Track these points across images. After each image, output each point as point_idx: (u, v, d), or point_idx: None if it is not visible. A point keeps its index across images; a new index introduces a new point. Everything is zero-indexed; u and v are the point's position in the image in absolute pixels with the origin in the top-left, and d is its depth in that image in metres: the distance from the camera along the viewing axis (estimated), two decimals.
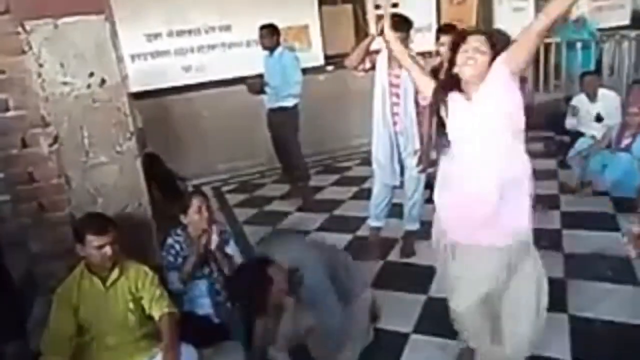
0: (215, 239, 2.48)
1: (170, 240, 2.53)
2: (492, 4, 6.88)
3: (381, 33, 2.80)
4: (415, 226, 3.44)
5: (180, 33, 5.41)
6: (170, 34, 5.37)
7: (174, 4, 5.23)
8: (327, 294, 2.28)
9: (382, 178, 3.29)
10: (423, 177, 3.28)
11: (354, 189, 4.84)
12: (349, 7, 6.23)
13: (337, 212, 4.36)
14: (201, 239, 2.46)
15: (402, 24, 2.92)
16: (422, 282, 3.02)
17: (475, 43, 1.82)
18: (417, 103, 3.06)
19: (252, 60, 4.79)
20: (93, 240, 1.97)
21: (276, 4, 5.52)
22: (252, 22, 4.60)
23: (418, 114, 3.09)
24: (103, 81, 2.21)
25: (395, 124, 3.12)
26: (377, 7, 6.43)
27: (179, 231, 2.54)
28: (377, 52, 3.08)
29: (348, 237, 3.79)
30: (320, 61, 5.93)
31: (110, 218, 2.12)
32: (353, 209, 4.32)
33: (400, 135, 3.14)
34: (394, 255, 3.44)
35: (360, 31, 6.07)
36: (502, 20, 6.89)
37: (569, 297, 2.69)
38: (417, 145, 3.13)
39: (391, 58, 3.00)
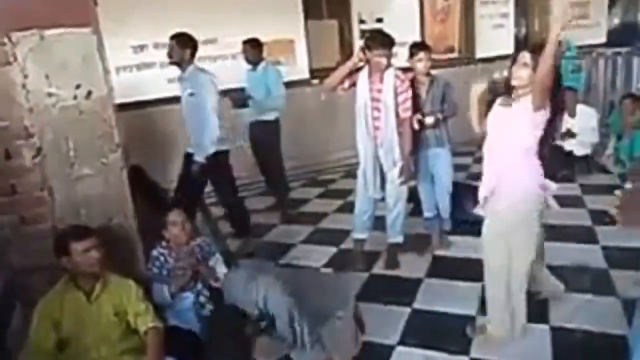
0: (198, 251, 2.48)
1: (155, 253, 2.52)
2: (473, 21, 7.04)
3: (363, 55, 2.92)
4: (399, 238, 3.47)
5: (166, 45, 5.38)
6: (156, 46, 5.35)
7: (160, 16, 5.23)
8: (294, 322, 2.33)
9: (365, 190, 3.32)
10: (405, 189, 3.33)
11: (339, 201, 4.87)
12: (334, 22, 6.31)
13: (322, 224, 4.37)
14: (184, 252, 2.46)
15: (384, 41, 3.04)
16: (406, 295, 3.05)
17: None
18: (397, 115, 3.14)
19: (238, 73, 4.80)
20: (77, 246, 1.96)
21: (262, 18, 5.57)
22: (238, 35, 4.63)
23: (399, 125, 3.16)
24: (89, 93, 2.21)
25: (376, 137, 3.18)
26: (362, 21, 6.60)
27: (163, 243, 2.53)
28: (358, 69, 3.16)
29: (333, 250, 3.81)
30: (306, 75, 5.98)
31: (90, 227, 2.11)
32: (338, 221, 4.34)
33: (381, 147, 3.20)
34: (378, 268, 3.46)
35: (346, 45, 6.16)
36: (483, 36, 7.07)
37: (551, 308, 2.74)
38: (397, 157, 3.19)
39: (372, 74, 3.07)
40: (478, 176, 2.56)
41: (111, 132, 2.29)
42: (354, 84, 3.15)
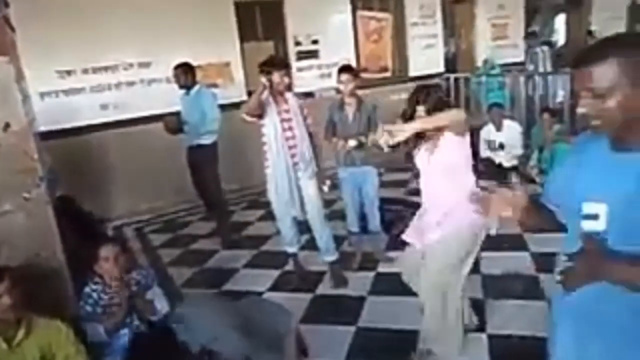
0: (134, 285, 2.38)
1: (87, 289, 2.39)
2: (405, 41, 7.35)
3: (269, 82, 2.99)
4: (333, 256, 3.52)
5: (96, 70, 5.24)
6: (85, 71, 5.17)
7: (89, 40, 5.06)
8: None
9: (281, 209, 3.37)
10: (321, 205, 3.41)
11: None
12: (270, 43, 6.38)
13: (264, 247, 4.33)
14: (121, 288, 2.35)
15: (281, 62, 3.33)
16: (351, 314, 3.06)
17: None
18: (307, 127, 3.29)
19: (173, 97, 4.72)
20: None
21: (197, 41, 5.54)
22: (173, 59, 4.55)
23: (310, 135, 3.30)
24: (7, 125, 2.09)
25: (293, 155, 3.24)
26: (298, 43, 6.70)
27: (96, 279, 2.41)
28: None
29: (276, 272, 3.78)
30: (243, 97, 5.97)
31: (1, 266, 1.97)
32: (280, 244, 4.30)
33: (296, 164, 3.26)
34: (322, 288, 3.47)
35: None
36: (415, 56, 7.39)
37: (488, 316, 2.86)
38: (314, 168, 3.32)
39: (275, 95, 3.17)
40: (417, 192, 2.64)
41: (34, 165, 2.18)
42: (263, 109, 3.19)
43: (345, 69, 3.46)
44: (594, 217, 1.15)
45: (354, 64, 6.65)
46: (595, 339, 1.22)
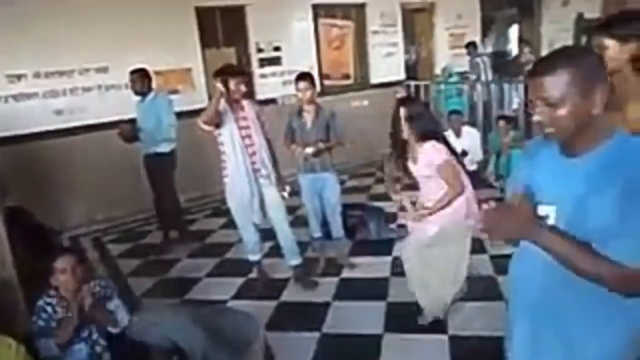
0: (92, 297, 2.30)
1: (41, 303, 2.28)
2: (366, 49, 7.46)
3: (226, 90, 3.00)
4: (297, 260, 3.54)
5: (49, 74, 5.05)
6: (37, 75, 4.97)
7: (42, 44, 4.88)
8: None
9: (242, 217, 3.36)
10: (285, 210, 3.43)
11: None
12: (231, 50, 6.34)
13: (227, 255, 4.28)
14: (76, 301, 2.26)
15: (235, 70, 3.35)
16: (315, 320, 3.07)
17: None
18: (264, 133, 3.33)
19: (132, 104, 4.61)
20: None
21: (158, 47, 5.44)
22: (132, 64, 4.43)
23: (268, 141, 3.34)
24: None
25: (254, 162, 3.25)
26: (260, 50, 6.68)
27: (51, 292, 2.31)
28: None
29: (240, 280, 3.74)
30: (205, 103, 5.87)
31: None
32: (243, 251, 4.27)
33: (257, 171, 3.27)
34: (286, 295, 3.46)
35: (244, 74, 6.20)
36: (376, 63, 7.51)
37: (449, 318, 2.92)
38: (274, 173, 3.35)
39: (231, 104, 3.17)
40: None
41: None
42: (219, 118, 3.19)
43: (302, 76, 3.47)
44: (544, 218, 1.21)
45: (316, 71, 6.70)
46: (550, 328, 1.28)
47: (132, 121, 4.37)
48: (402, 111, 2.66)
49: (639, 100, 1.72)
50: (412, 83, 7.58)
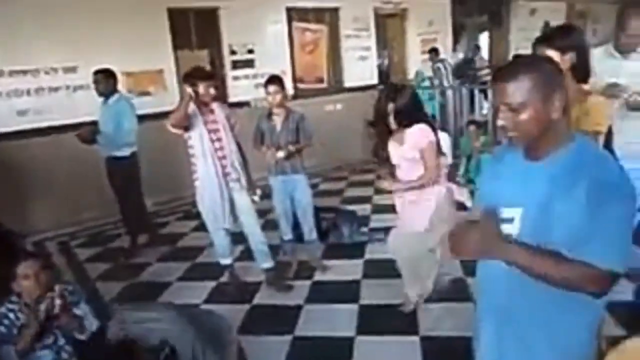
0: (58, 302, 2.23)
1: (3, 309, 2.21)
2: (340, 53, 7.51)
3: (195, 93, 2.99)
4: (269, 263, 3.53)
5: (13, 73, 4.90)
6: (1, 74, 4.82)
7: (6, 42, 4.74)
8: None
9: (213, 221, 3.34)
10: (254, 211, 3.42)
11: None
12: (204, 52, 6.29)
13: (199, 259, 4.23)
14: (39, 306, 2.19)
15: (205, 73, 3.30)
16: (287, 323, 3.07)
17: None
18: (234, 136, 3.32)
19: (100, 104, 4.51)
20: None
21: (129, 47, 5.34)
22: (102, 65, 4.30)
23: (238, 145, 3.33)
24: None
25: (224, 166, 3.23)
26: (233, 52, 6.65)
27: (13, 298, 2.23)
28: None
29: (212, 284, 3.70)
30: (176, 105, 5.83)
31: None
32: (215, 255, 4.23)
33: (228, 174, 3.26)
34: (259, 299, 3.45)
35: (217, 76, 6.15)
36: (350, 67, 7.57)
37: (419, 319, 2.96)
38: (245, 176, 3.34)
39: (200, 107, 3.16)
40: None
41: None
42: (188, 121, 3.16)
43: (272, 80, 3.47)
44: (510, 220, 1.25)
45: (289, 74, 6.71)
46: (510, 330, 1.33)
47: (96, 123, 4.26)
48: (390, 107, 2.72)
49: (577, 104, 1.95)
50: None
